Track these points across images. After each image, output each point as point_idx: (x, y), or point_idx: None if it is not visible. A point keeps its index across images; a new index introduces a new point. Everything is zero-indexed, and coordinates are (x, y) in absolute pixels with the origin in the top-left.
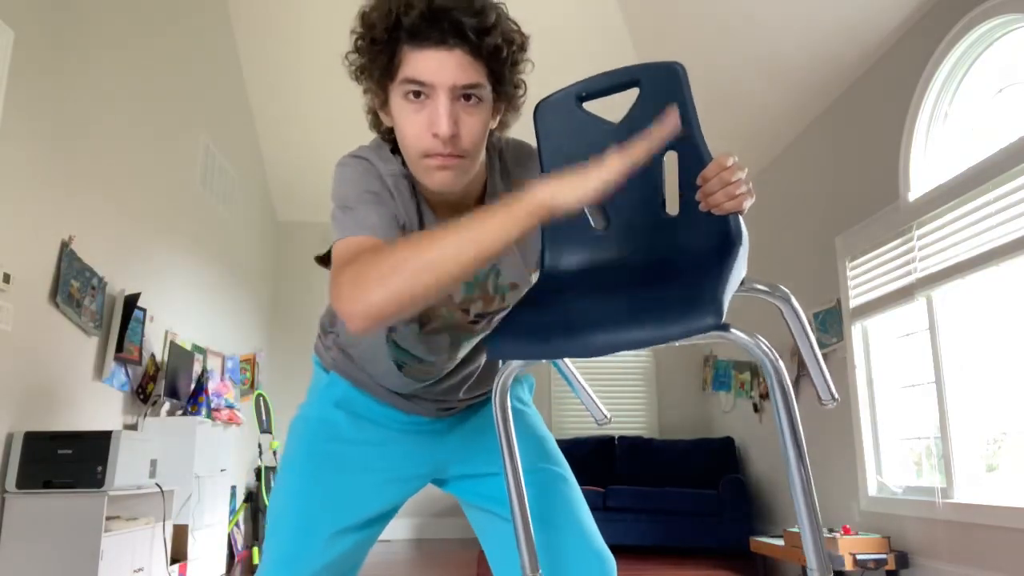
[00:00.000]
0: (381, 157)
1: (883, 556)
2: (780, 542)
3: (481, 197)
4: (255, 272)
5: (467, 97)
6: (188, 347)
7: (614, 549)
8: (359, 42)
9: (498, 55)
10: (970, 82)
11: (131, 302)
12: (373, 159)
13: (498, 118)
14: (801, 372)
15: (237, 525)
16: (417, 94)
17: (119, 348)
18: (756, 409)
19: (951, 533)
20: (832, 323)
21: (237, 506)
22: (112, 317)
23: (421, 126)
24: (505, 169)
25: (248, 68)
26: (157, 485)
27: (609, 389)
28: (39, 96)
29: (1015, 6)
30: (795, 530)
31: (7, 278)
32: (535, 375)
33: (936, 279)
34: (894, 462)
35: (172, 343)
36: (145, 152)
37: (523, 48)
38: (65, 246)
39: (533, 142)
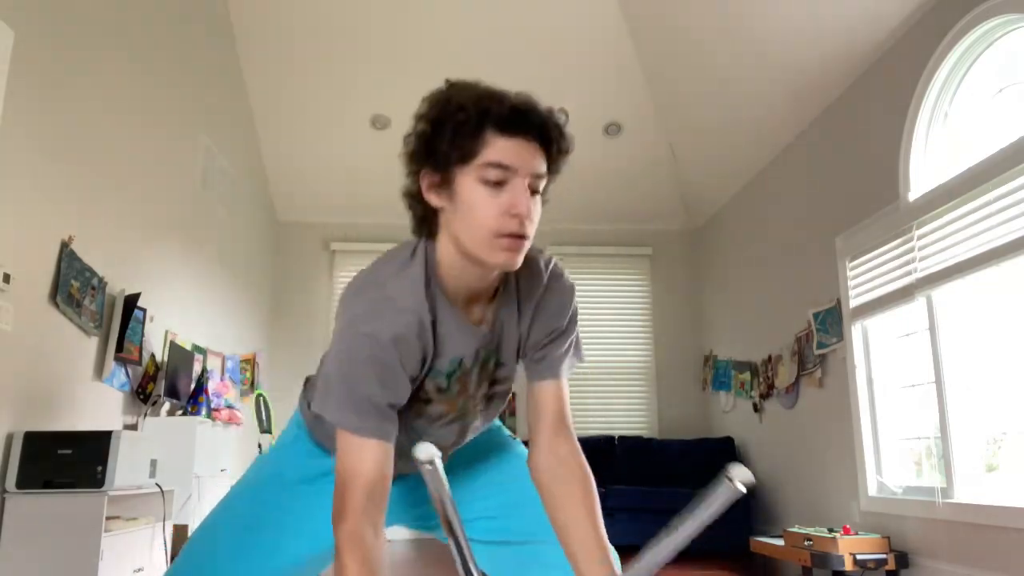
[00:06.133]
0: (406, 275)
1: (883, 556)
2: (780, 542)
3: (496, 289)
4: (255, 272)
5: (533, 191)
6: (188, 347)
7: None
8: (439, 124)
9: (563, 157)
10: (970, 82)
11: (131, 302)
12: (398, 293)
13: None
14: (801, 372)
15: None
16: (497, 181)
17: (119, 348)
18: (756, 409)
19: (951, 533)
20: (832, 323)
21: None
22: (112, 317)
23: (499, 208)
24: (519, 279)
25: (248, 69)
26: (157, 485)
27: (609, 389)
28: (39, 96)
29: (1015, 6)
30: (795, 530)
31: (7, 278)
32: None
33: (936, 279)
34: (894, 462)
35: (172, 343)
36: (145, 152)
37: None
38: (65, 246)
39: None
